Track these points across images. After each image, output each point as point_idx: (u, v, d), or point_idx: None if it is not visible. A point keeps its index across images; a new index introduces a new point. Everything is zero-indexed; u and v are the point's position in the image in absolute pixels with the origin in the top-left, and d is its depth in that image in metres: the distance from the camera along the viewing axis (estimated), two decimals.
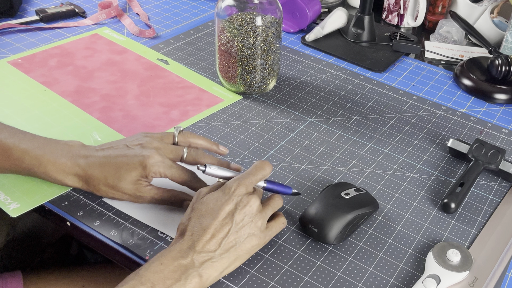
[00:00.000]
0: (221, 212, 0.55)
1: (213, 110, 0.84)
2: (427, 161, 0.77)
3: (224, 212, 0.55)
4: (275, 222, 0.61)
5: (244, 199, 0.57)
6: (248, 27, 0.80)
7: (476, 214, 0.69)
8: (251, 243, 0.58)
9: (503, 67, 0.91)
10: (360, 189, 0.67)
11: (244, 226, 0.57)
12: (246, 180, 0.58)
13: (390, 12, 1.16)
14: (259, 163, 0.60)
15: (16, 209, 0.64)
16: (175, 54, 0.98)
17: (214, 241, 0.54)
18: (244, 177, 0.58)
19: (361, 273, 0.60)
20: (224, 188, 0.57)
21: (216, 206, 0.56)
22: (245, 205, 0.56)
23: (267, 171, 0.60)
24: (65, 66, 0.92)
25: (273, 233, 0.61)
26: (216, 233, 0.55)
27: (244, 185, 0.57)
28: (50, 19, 1.06)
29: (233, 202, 0.56)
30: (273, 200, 0.62)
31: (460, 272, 0.58)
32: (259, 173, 0.59)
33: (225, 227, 0.55)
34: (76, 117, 0.81)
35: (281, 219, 0.62)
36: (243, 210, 0.56)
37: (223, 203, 0.56)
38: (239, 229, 0.56)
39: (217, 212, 0.55)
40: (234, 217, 0.56)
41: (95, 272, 0.81)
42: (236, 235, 0.56)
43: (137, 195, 0.63)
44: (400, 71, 0.99)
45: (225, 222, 0.55)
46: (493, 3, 1.09)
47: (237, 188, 0.57)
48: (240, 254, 0.57)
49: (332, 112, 0.86)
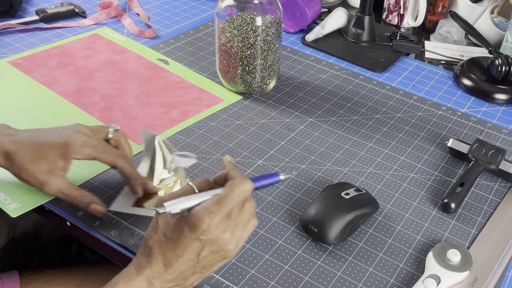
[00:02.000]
0: (185, 253, 0.49)
1: (213, 110, 0.84)
2: (427, 161, 0.77)
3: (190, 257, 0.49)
4: (246, 229, 0.52)
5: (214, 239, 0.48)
6: (248, 27, 0.80)
7: (476, 214, 0.69)
8: (218, 266, 0.52)
9: (503, 67, 0.91)
10: (360, 189, 0.67)
11: (212, 265, 0.51)
12: (219, 216, 0.48)
13: (390, 12, 1.16)
14: (237, 182, 0.49)
15: (16, 209, 0.64)
16: (175, 54, 0.98)
17: (181, 275, 0.50)
18: (217, 210, 0.48)
19: (361, 273, 0.60)
20: (192, 224, 0.48)
21: (182, 243, 0.48)
22: (214, 245, 0.49)
23: (248, 190, 0.49)
24: (65, 66, 0.92)
25: (243, 243, 0.52)
26: (183, 271, 0.50)
27: (217, 222, 0.48)
28: (50, 19, 1.06)
29: (200, 244, 0.48)
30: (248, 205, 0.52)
31: (460, 272, 0.58)
32: (235, 199, 0.49)
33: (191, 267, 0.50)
34: (76, 117, 0.81)
35: (252, 223, 0.52)
36: (212, 251, 0.49)
37: (189, 244, 0.48)
38: (206, 267, 0.51)
39: (182, 251, 0.49)
40: (201, 259, 0.49)
41: (92, 271, 0.80)
42: (204, 270, 0.51)
43: (46, 181, 0.60)
44: (400, 71, 0.99)
45: (193, 263, 0.50)
46: (493, 3, 1.09)
47: (207, 229, 0.48)
48: (207, 274, 0.53)
49: (332, 112, 0.86)
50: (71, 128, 0.64)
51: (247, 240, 0.63)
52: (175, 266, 0.50)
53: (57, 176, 0.61)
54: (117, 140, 0.66)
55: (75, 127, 0.64)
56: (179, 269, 0.50)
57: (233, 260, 0.60)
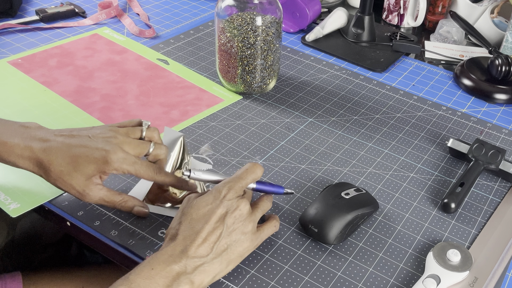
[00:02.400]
0: (212, 216, 0.55)
1: (213, 110, 0.84)
2: (427, 161, 0.77)
3: (215, 216, 0.55)
4: (267, 225, 0.61)
5: (234, 203, 0.56)
6: (248, 27, 0.80)
7: (476, 214, 0.69)
8: (243, 246, 0.57)
9: (503, 67, 0.91)
10: (360, 189, 0.67)
11: (235, 230, 0.56)
12: (237, 184, 0.57)
13: (390, 12, 1.16)
14: (249, 166, 0.59)
15: (16, 209, 0.64)
16: (175, 54, 0.98)
17: (206, 245, 0.54)
18: (235, 180, 0.57)
19: (361, 273, 0.60)
20: (215, 192, 0.57)
21: (207, 210, 0.55)
22: (236, 209, 0.56)
23: (258, 174, 0.59)
24: (65, 66, 0.92)
25: (264, 236, 0.60)
26: (208, 237, 0.54)
27: (234, 189, 0.57)
28: (50, 19, 1.06)
29: (224, 206, 0.56)
30: (262, 201, 0.61)
31: (460, 272, 0.58)
32: (249, 176, 0.58)
33: (217, 230, 0.55)
34: (76, 117, 0.81)
35: (273, 222, 0.62)
36: (234, 214, 0.56)
37: (214, 208, 0.55)
38: (230, 232, 0.56)
39: (208, 216, 0.55)
40: (225, 221, 0.55)
41: (94, 272, 0.80)
42: (228, 239, 0.56)
43: (86, 192, 0.60)
44: (400, 71, 0.99)
45: (217, 226, 0.55)
46: (493, 3, 1.09)
47: (228, 193, 0.56)
48: (232, 258, 0.56)
49: (332, 112, 0.86)
50: (107, 140, 0.60)
51: None
52: (202, 234, 0.54)
53: (96, 185, 0.60)
54: (150, 137, 0.65)
55: (112, 139, 0.60)
56: (206, 238, 0.54)
57: None
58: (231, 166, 0.73)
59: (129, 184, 0.69)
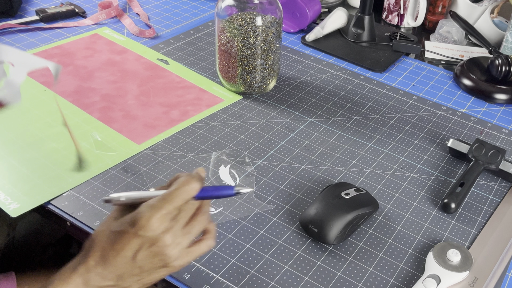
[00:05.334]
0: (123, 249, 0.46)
1: (213, 110, 0.84)
2: (427, 161, 0.77)
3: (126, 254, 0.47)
4: (198, 246, 0.50)
5: (151, 237, 0.46)
6: (248, 27, 0.80)
7: (476, 214, 0.69)
8: (160, 275, 0.49)
9: (503, 67, 0.91)
10: (360, 189, 0.67)
11: (149, 270, 0.48)
12: (159, 212, 0.46)
13: (390, 12, 1.16)
14: (182, 182, 0.48)
15: (16, 209, 0.64)
16: (175, 54, 0.98)
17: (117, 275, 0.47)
18: (158, 206, 0.46)
19: (361, 273, 0.60)
20: (133, 219, 0.46)
21: (122, 238, 0.46)
22: (152, 245, 0.47)
23: (191, 192, 0.48)
24: (65, 66, 0.92)
25: (191, 258, 0.50)
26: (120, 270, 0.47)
27: (156, 218, 0.46)
28: (50, 19, 1.06)
29: (138, 242, 0.46)
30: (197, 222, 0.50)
31: (460, 272, 0.58)
32: (179, 197, 0.47)
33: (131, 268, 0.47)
34: (76, 117, 0.81)
35: (207, 242, 0.51)
36: (151, 252, 0.47)
37: (128, 239, 0.46)
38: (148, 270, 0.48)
39: (120, 246, 0.46)
40: (138, 259, 0.47)
41: None
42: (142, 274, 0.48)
43: None
44: (400, 71, 0.99)
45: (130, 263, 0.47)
46: (493, 3, 1.09)
47: (147, 224, 0.46)
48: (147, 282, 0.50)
49: (332, 112, 0.86)
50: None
51: (247, 240, 0.63)
52: (112, 262, 0.47)
53: None
54: None
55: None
56: (116, 266, 0.47)
57: (233, 260, 0.60)
58: (231, 166, 0.74)
59: (133, 187, 0.69)
